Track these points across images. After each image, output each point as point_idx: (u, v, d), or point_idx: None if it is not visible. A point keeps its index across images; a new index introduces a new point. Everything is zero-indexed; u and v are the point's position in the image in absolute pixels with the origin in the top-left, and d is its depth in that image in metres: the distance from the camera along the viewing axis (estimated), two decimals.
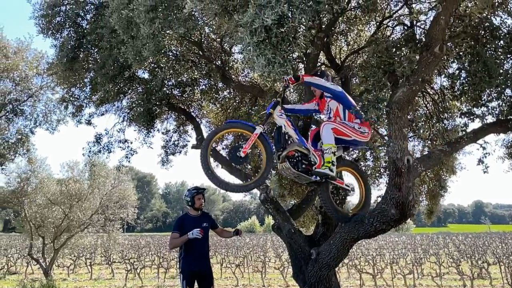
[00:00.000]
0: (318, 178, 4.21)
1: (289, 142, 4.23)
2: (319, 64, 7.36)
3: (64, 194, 11.47)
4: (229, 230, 5.75)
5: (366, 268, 15.03)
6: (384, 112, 3.95)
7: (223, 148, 9.26)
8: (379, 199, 8.36)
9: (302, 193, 9.69)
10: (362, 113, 4.08)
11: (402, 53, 4.16)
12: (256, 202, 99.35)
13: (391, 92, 4.17)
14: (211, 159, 5.25)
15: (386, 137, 8.19)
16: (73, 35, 6.76)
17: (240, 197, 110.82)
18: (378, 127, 8.66)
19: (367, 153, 9.21)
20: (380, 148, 8.85)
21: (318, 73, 4.51)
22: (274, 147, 4.26)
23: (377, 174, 9.35)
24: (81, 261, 17.70)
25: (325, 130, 4.11)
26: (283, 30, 2.67)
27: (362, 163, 9.74)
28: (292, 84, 4.29)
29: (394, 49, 4.23)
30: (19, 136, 10.40)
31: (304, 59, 6.10)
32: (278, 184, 9.85)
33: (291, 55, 2.89)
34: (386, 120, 4.12)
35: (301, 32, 2.83)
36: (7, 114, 10.15)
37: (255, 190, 11.12)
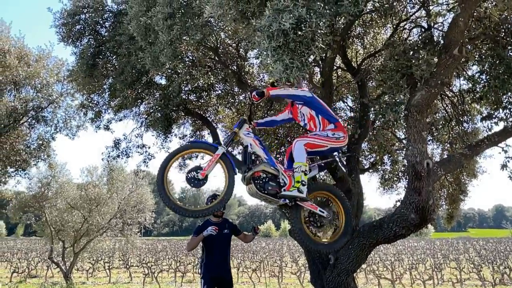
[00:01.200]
0: (286, 200, 3.89)
1: (257, 162, 3.96)
2: (335, 67, 7.33)
3: (84, 198, 11.68)
4: (248, 233, 5.70)
5: (384, 273, 14.81)
6: (402, 115, 3.90)
7: (239, 153, 9.30)
8: (398, 203, 8.29)
9: None
10: (337, 117, 4.06)
11: (420, 56, 4.11)
12: (272, 206, 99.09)
13: (409, 95, 4.12)
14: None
15: (404, 141, 8.10)
16: (92, 42, 6.91)
17: (255, 202, 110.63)
18: (396, 130, 8.58)
19: (384, 157, 9.11)
20: (398, 151, 8.75)
21: (275, 84, 4.22)
22: (236, 169, 3.93)
23: (395, 178, 9.25)
24: (99, 265, 17.94)
25: (297, 147, 3.88)
26: (300, 34, 2.67)
27: (379, 167, 9.66)
28: (256, 101, 4.01)
29: (411, 52, 4.18)
30: (40, 142, 10.65)
31: (320, 63, 6.08)
32: None
33: (308, 59, 2.88)
34: (405, 124, 4.05)
35: (318, 36, 2.82)
36: (28, 120, 10.42)
37: None
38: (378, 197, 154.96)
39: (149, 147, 8.19)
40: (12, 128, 9.78)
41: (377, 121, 8.14)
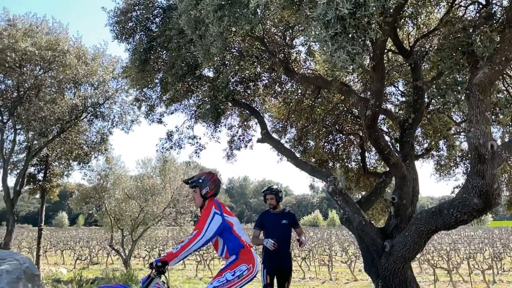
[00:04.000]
0: None
1: None
2: (386, 50, 7.09)
3: (139, 189, 12.27)
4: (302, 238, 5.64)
5: (440, 263, 14.28)
6: (464, 95, 3.71)
7: (286, 142, 9.31)
8: (456, 190, 7.94)
9: (370, 185, 9.45)
10: (242, 241, 3.49)
11: (482, 32, 3.87)
12: (319, 196, 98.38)
13: (470, 74, 3.91)
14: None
15: (462, 124, 7.71)
16: (144, 38, 7.16)
17: (302, 191, 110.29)
18: (452, 113, 8.18)
19: (440, 142, 8.74)
20: (455, 136, 8.35)
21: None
22: None
23: (452, 164, 8.86)
24: (155, 252, 18.78)
25: None
26: (356, 18, 2.60)
27: (434, 153, 9.28)
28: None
29: (472, 28, 3.95)
30: (99, 137, 11.30)
31: (371, 46, 5.92)
32: (345, 176, 9.69)
33: (366, 43, 2.80)
34: (466, 104, 3.85)
35: (374, 19, 2.73)
36: (88, 116, 11.08)
37: (318, 184, 10.98)
38: (431, 185, 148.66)
39: (199, 138, 8.41)
40: (74, 124, 10.46)
41: (430, 106, 7.81)
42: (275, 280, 5.27)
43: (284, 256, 5.24)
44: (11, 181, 11.51)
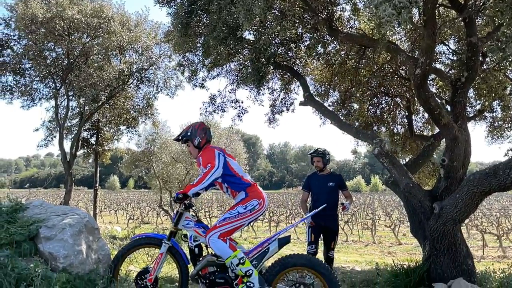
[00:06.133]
0: None
1: (203, 256, 3.62)
2: (438, 4, 6.62)
3: (185, 152, 12.66)
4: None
5: (489, 228, 13.83)
6: None
7: (329, 105, 9.13)
8: (510, 152, 7.51)
9: (416, 149, 9.16)
10: (247, 179, 3.53)
11: None
12: (361, 161, 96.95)
13: None
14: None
15: None
16: (185, 1, 7.12)
17: (344, 157, 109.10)
18: (509, 71, 7.62)
19: (493, 103, 8.23)
20: (510, 96, 7.81)
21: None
22: (188, 259, 3.69)
23: (506, 126, 8.36)
24: (200, 214, 19.59)
25: (212, 244, 3.37)
26: None
27: (487, 114, 8.77)
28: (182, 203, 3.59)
29: None
30: (145, 101, 11.65)
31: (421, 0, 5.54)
32: (390, 140, 9.44)
33: None
34: None
35: None
36: (134, 82, 11.40)
37: (361, 149, 10.78)
38: (481, 150, 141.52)
39: (242, 102, 8.44)
40: (121, 90, 10.82)
41: (484, 65, 7.29)
42: (321, 242, 5.36)
43: (330, 217, 5.28)
44: (67, 145, 12.22)
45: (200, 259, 3.54)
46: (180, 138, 3.81)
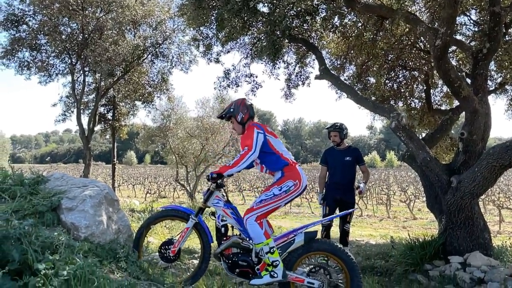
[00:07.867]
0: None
1: (227, 235, 3.60)
2: None
3: (200, 128, 12.75)
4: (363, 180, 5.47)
5: (506, 203, 13.67)
6: None
7: (345, 80, 8.97)
8: None
9: (434, 123, 8.99)
10: (285, 158, 3.45)
11: None
12: (376, 137, 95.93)
13: None
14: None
15: None
16: None
17: (359, 133, 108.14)
18: None
19: None
20: None
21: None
22: (213, 237, 3.71)
23: None
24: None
25: (249, 226, 3.35)
26: None
27: (509, 87, 8.50)
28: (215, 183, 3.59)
29: None
30: (160, 76, 11.65)
31: None
32: (407, 114, 9.28)
33: None
34: None
35: None
36: (149, 57, 11.37)
37: (376, 124, 10.64)
38: (500, 125, 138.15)
39: (256, 76, 8.37)
40: (136, 65, 10.81)
41: (507, 36, 7.01)
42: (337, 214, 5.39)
43: (346, 191, 5.30)
44: (85, 120, 12.40)
45: (225, 238, 3.57)
46: (224, 115, 3.80)
